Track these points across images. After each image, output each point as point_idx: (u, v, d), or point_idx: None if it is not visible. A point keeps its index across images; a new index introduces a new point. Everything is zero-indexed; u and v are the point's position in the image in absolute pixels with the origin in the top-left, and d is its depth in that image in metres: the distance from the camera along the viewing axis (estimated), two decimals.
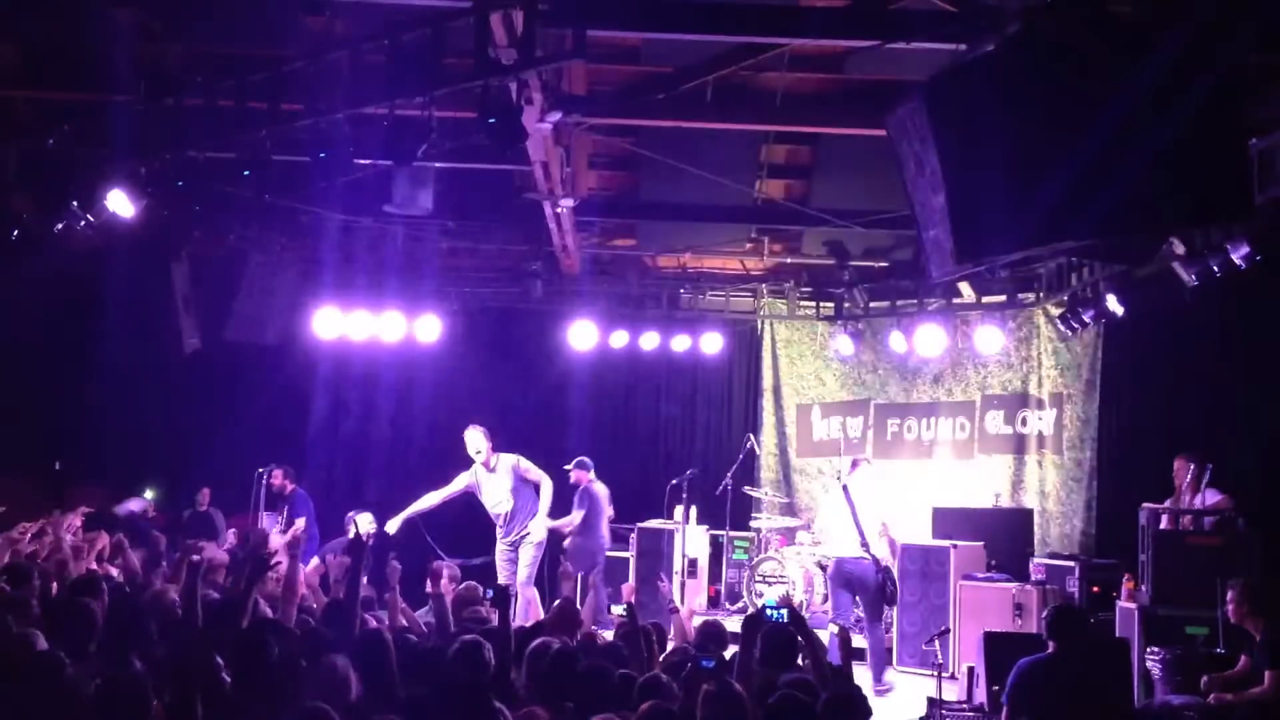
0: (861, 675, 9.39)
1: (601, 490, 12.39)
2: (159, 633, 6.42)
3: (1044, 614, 7.50)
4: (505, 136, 7.43)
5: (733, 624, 9.98)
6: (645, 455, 15.10)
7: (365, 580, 7.74)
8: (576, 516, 12.08)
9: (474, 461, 11.51)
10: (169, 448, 13.81)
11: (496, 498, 11.46)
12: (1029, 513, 12.63)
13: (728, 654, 6.78)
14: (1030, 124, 5.79)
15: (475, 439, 11.47)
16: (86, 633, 6.05)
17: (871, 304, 13.96)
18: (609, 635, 7.91)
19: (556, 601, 8.43)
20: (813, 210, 11.68)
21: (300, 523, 12.14)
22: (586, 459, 12.46)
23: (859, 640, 10.38)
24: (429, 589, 7.82)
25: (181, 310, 11.78)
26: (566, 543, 12.09)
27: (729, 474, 13.28)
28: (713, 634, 7.43)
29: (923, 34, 7.29)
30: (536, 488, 11.48)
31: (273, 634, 5.59)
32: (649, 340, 14.31)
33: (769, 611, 6.65)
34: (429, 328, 14.02)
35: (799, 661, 6.54)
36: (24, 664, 5.30)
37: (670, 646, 7.57)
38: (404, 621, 7.73)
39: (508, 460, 11.49)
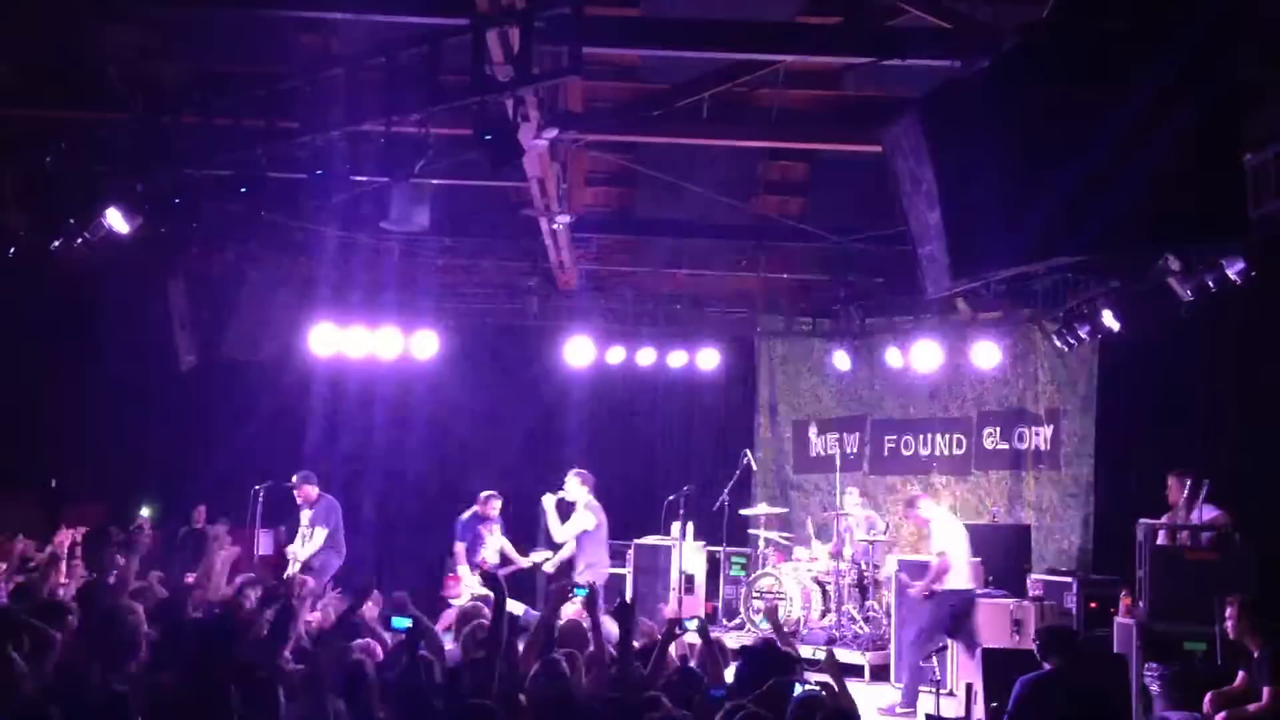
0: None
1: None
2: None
3: (1034, 635, 7.56)
4: (502, 153, 7.43)
5: (730, 640, 9.98)
6: (642, 471, 15.09)
7: None
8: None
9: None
10: (165, 465, 13.79)
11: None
12: (1026, 528, 12.62)
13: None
14: (1026, 140, 5.81)
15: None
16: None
17: (868, 320, 13.95)
18: None
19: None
20: (809, 226, 11.70)
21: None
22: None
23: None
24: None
25: (178, 327, 11.76)
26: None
27: (726, 490, 13.25)
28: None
29: (918, 51, 7.32)
30: None
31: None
32: (645, 356, 14.31)
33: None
34: (425, 344, 14.01)
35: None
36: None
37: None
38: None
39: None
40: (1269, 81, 7.82)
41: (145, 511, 13.32)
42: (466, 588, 11.36)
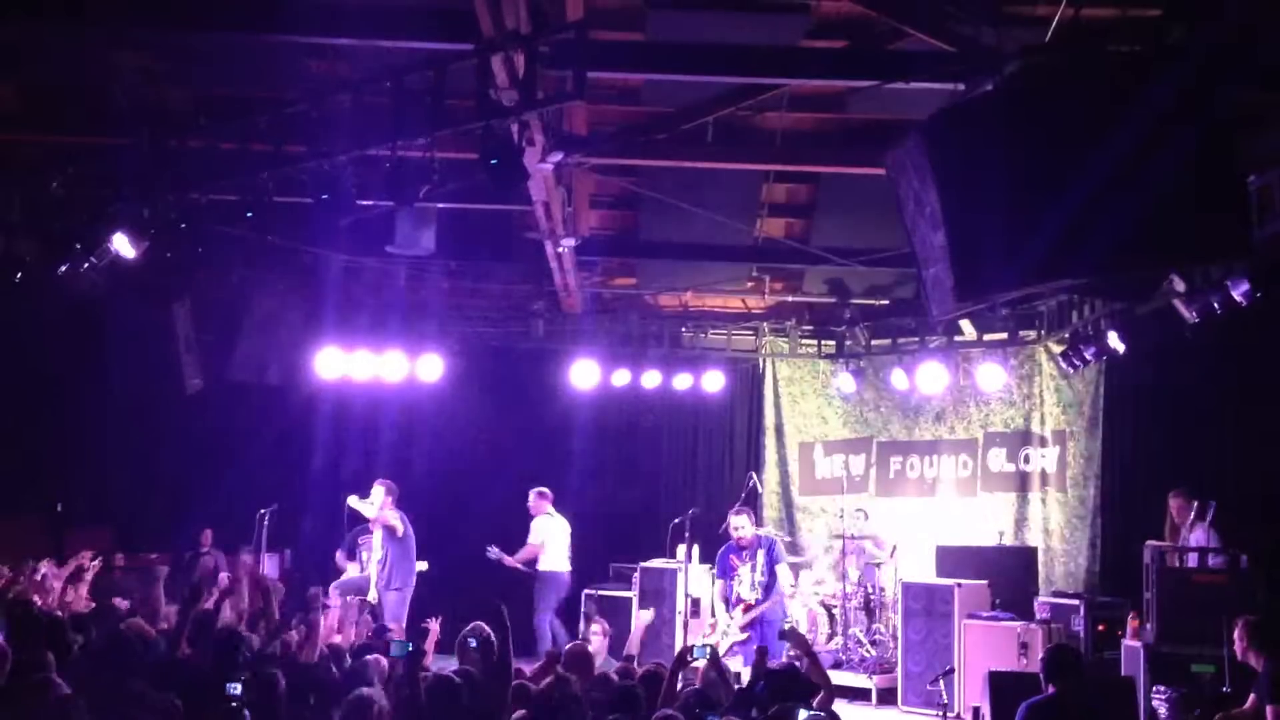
0: None
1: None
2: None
3: (1040, 658, 7.52)
4: (507, 177, 7.47)
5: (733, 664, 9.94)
6: (647, 494, 15.07)
7: None
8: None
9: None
10: (171, 488, 13.78)
11: None
12: (1033, 551, 12.58)
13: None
14: (1029, 162, 5.82)
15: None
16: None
17: (873, 342, 13.97)
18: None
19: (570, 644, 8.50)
20: (814, 249, 11.72)
21: None
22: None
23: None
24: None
25: (184, 351, 11.77)
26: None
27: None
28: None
29: (922, 74, 7.34)
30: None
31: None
32: (651, 379, 14.31)
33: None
34: (431, 367, 14.02)
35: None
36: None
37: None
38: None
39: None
40: (1272, 102, 7.83)
41: None
42: (721, 631, 10.93)
